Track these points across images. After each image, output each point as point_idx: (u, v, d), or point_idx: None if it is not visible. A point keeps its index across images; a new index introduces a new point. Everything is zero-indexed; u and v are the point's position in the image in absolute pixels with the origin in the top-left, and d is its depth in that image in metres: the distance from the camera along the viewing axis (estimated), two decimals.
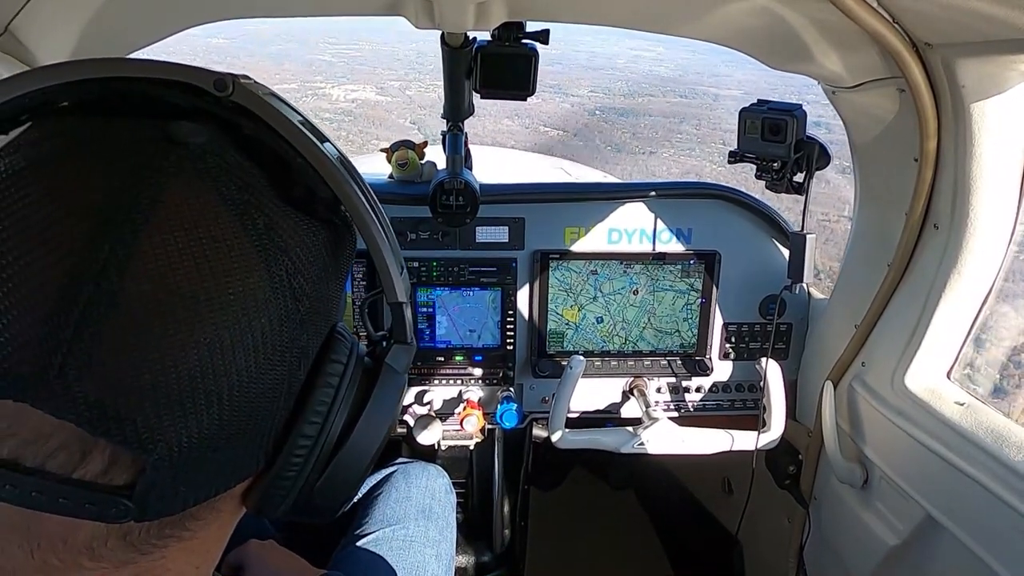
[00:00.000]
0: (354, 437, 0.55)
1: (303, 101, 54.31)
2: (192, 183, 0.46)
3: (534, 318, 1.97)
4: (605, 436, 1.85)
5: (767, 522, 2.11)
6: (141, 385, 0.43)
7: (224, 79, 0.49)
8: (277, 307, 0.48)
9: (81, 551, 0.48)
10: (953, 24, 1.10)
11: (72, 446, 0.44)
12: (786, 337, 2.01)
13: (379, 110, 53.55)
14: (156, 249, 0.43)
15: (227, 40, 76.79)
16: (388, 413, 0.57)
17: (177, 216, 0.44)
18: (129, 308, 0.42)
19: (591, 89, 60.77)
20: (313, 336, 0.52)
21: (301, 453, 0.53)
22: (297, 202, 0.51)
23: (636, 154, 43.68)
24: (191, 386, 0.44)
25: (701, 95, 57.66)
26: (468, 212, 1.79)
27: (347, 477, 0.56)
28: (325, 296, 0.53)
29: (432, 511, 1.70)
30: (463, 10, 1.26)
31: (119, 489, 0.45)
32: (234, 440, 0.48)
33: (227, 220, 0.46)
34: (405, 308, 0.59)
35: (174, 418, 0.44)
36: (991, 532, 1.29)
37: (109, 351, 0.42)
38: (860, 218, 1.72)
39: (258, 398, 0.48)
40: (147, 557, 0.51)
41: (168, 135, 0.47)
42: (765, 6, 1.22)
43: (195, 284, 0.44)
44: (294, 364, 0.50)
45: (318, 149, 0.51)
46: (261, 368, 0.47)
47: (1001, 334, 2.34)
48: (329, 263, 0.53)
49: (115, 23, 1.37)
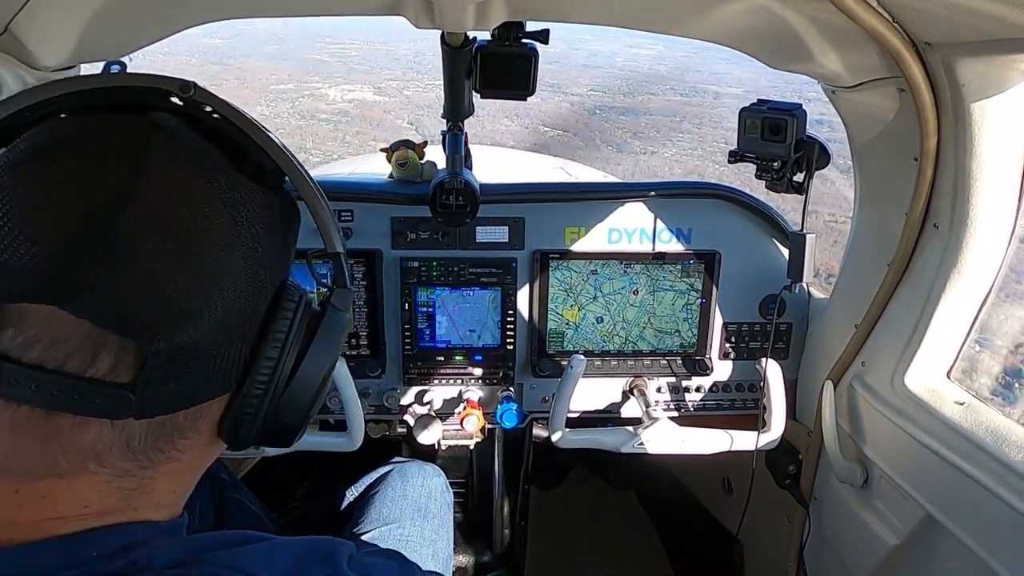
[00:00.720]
0: (308, 359, 0.69)
1: (299, 102, 53.65)
2: (172, 154, 0.62)
3: (534, 318, 1.97)
4: (605, 436, 1.85)
5: (767, 522, 2.11)
6: (143, 295, 0.57)
7: (188, 83, 0.66)
8: (241, 244, 0.63)
9: (88, 453, 0.59)
10: (953, 23, 1.10)
11: (85, 347, 0.56)
12: (786, 337, 2.01)
13: (377, 111, 53.14)
14: (149, 197, 0.59)
15: (223, 40, 76.42)
16: (335, 340, 0.72)
17: (163, 175, 0.60)
18: (133, 240, 0.57)
19: (591, 88, 60.44)
20: (270, 275, 0.66)
21: (265, 374, 0.66)
22: (250, 173, 0.67)
23: (637, 154, 43.31)
24: (179, 298, 0.58)
25: (702, 93, 57.18)
26: (468, 212, 1.79)
27: (305, 394, 0.70)
28: (277, 246, 0.68)
29: (428, 510, 1.71)
30: (463, 10, 1.26)
31: (124, 385, 0.57)
32: (214, 351, 0.62)
33: (198, 180, 0.62)
34: (343, 258, 0.75)
35: (169, 321, 0.58)
36: (991, 531, 1.29)
37: (116, 270, 0.56)
38: (860, 218, 1.72)
39: (229, 317, 0.62)
40: (142, 472, 0.63)
41: (151, 121, 0.64)
42: (765, 6, 1.22)
43: (177, 223, 0.59)
44: (257, 295, 0.64)
45: (263, 134, 0.68)
46: (231, 291, 0.61)
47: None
48: (277, 222, 0.69)
49: (114, 24, 1.37)
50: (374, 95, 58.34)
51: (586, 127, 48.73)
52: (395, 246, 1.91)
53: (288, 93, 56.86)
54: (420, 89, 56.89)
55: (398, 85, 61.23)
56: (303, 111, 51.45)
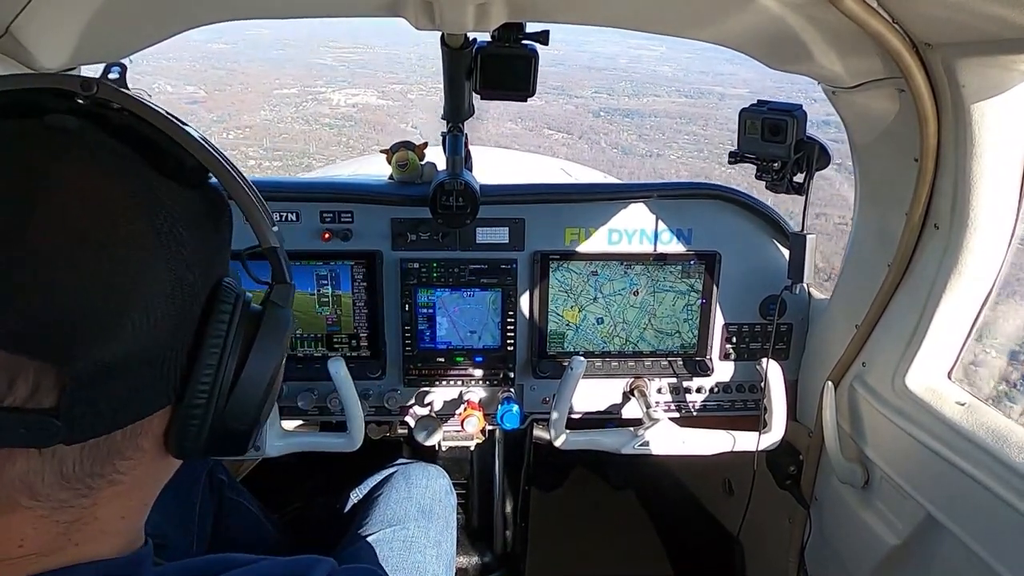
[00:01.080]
0: (251, 362, 0.65)
1: (303, 106, 53.29)
2: (75, 157, 0.57)
3: (534, 319, 1.97)
4: (606, 437, 1.85)
5: (768, 522, 2.11)
6: (58, 310, 0.52)
7: (88, 81, 0.59)
8: (163, 249, 0.57)
9: (18, 487, 0.54)
10: (953, 24, 1.10)
11: (1, 375, 0.51)
12: (786, 337, 2.01)
13: (380, 115, 52.77)
14: (51, 203, 0.53)
15: (227, 45, 76.12)
16: (279, 338, 0.67)
17: (67, 183, 0.55)
18: (37, 255, 0.52)
19: (595, 90, 60.08)
20: (200, 277, 0.61)
21: (205, 382, 0.61)
22: (169, 172, 0.61)
23: (643, 156, 42.91)
24: (97, 314, 0.53)
25: (707, 95, 56.70)
26: (468, 213, 1.79)
27: (251, 398, 0.65)
28: (206, 247, 0.63)
29: (433, 511, 1.71)
30: (463, 11, 1.26)
31: (47, 411, 0.53)
32: (144, 364, 0.57)
33: (108, 184, 0.57)
34: (280, 252, 0.69)
35: (86, 339, 0.53)
36: (992, 532, 1.29)
37: (23, 288, 0.51)
38: (860, 218, 1.72)
39: (157, 327, 0.57)
40: (81, 501, 0.57)
41: (46, 124, 0.58)
42: (765, 7, 1.22)
43: (86, 229, 0.54)
44: (187, 300, 0.60)
45: (180, 129, 0.62)
46: (155, 300, 0.56)
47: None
48: (205, 220, 0.64)
49: (115, 25, 1.37)
50: (378, 99, 58.04)
51: (591, 130, 48.27)
52: (395, 247, 1.91)
53: (292, 98, 56.65)
54: (424, 92, 56.53)
55: (402, 89, 60.90)
56: (307, 115, 51.16)
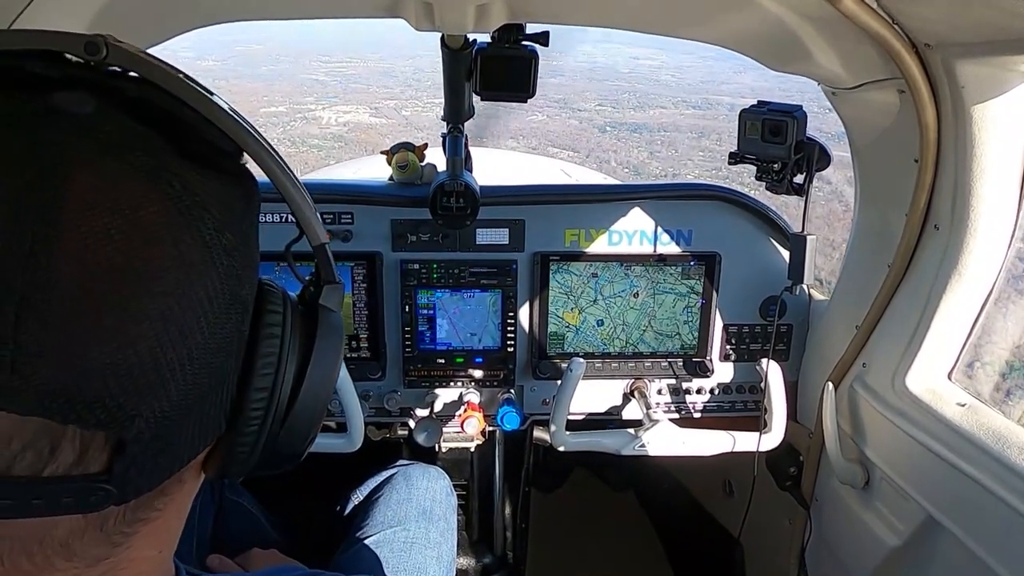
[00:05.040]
0: (309, 379, 0.55)
1: (291, 127, 51.17)
2: (98, 157, 0.44)
3: (534, 320, 1.97)
4: (606, 438, 1.84)
5: (768, 524, 2.11)
6: (103, 364, 0.41)
7: (95, 41, 0.46)
8: (213, 266, 0.47)
9: (57, 550, 0.46)
10: (953, 24, 1.11)
11: (40, 442, 0.42)
12: (787, 338, 2.01)
13: (373, 134, 50.35)
14: (80, 227, 0.41)
15: (216, 62, 74.76)
16: (335, 350, 0.58)
17: (93, 192, 0.42)
18: (68, 289, 0.40)
19: (598, 103, 58.81)
20: (249, 289, 0.52)
21: (259, 407, 0.53)
22: (201, 158, 0.49)
23: (657, 177, 41.70)
24: (152, 356, 0.43)
25: (715, 106, 55.60)
26: (468, 214, 1.79)
27: (309, 416, 0.56)
28: (250, 248, 0.53)
29: (433, 513, 1.70)
30: (463, 12, 1.26)
31: (95, 476, 0.44)
32: (202, 402, 0.48)
33: (143, 189, 0.44)
34: (328, 249, 0.59)
35: (143, 391, 0.43)
36: (992, 533, 1.29)
37: (59, 335, 0.40)
38: (860, 219, 1.72)
39: (214, 357, 0.48)
40: (118, 549, 0.50)
41: (50, 106, 0.44)
42: (764, 8, 1.22)
43: (128, 256, 0.42)
44: (238, 319, 0.50)
45: (208, 100, 0.49)
46: (212, 328, 0.47)
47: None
48: (246, 215, 0.53)
49: (116, 25, 1.37)
50: (370, 116, 56.14)
51: (599, 147, 46.65)
52: (395, 248, 1.91)
53: (279, 117, 54.64)
54: (419, 108, 55.09)
55: (396, 105, 59.30)
56: (294, 137, 48.93)
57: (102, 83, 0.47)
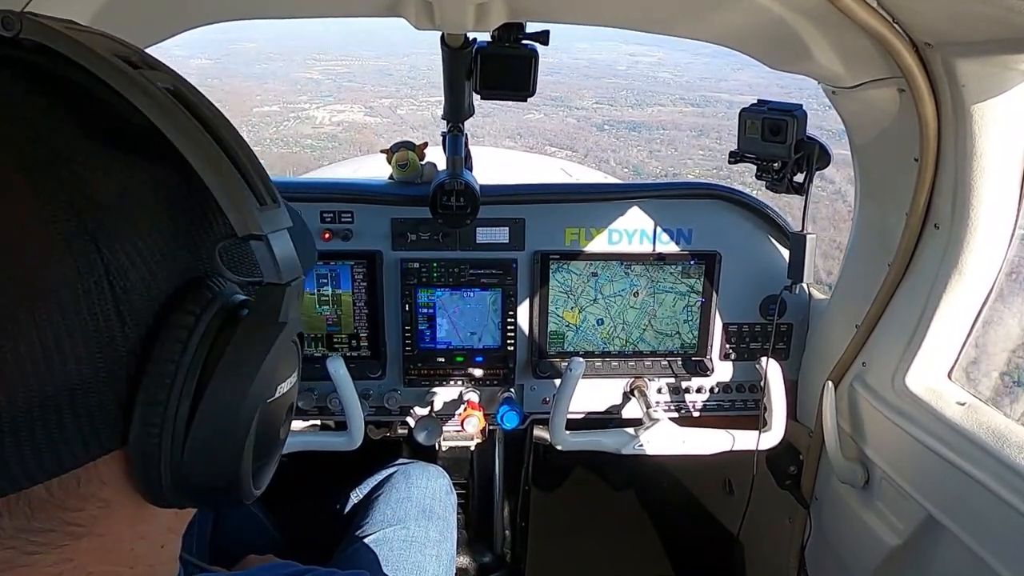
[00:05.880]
0: (209, 398, 0.46)
1: (284, 126, 50.10)
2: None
3: (534, 319, 1.97)
4: (606, 437, 1.85)
5: (768, 522, 2.11)
6: None
7: (9, 16, 0.42)
8: (72, 253, 0.41)
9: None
10: (953, 24, 1.10)
11: None
12: (786, 337, 2.01)
13: (367, 133, 49.47)
14: None
15: (209, 60, 73.60)
16: (252, 365, 0.47)
17: None
18: None
19: (596, 100, 58.14)
20: (140, 286, 0.45)
21: (155, 421, 0.45)
22: (117, 144, 0.44)
23: (657, 176, 40.67)
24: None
25: (714, 103, 54.91)
26: (468, 213, 1.79)
27: (219, 440, 0.47)
28: (169, 248, 0.47)
29: (433, 511, 1.71)
30: (463, 11, 1.26)
31: None
32: (61, 406, 0.42)
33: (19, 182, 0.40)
34: (267, 241, 0.47)
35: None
36: (992, 532, 1.29)
37: None
38: (860, 218, 1.72)
39: (74, 358, 0.42)
40: (43, 551, 0.45)
41: None
42: (765, 6, 1.22)
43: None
44: (117, 316, 0.43)
45: (130, 78, 0.44)
46: (59, 324, 0.41)
47: None
48: (171, 208, 0.47)
49: (116, 24, 1.37)
50: (365, 115, 55.51)
51: (597, 146, 45.96)
52: (395, 247, 1.91)
53: (273, 116, 53.63)
54: (415, 107, 54.29)
55: (391, 103, 58.29)
56: (287, 137, 48.42)
57: (13, 58, 0.44)
